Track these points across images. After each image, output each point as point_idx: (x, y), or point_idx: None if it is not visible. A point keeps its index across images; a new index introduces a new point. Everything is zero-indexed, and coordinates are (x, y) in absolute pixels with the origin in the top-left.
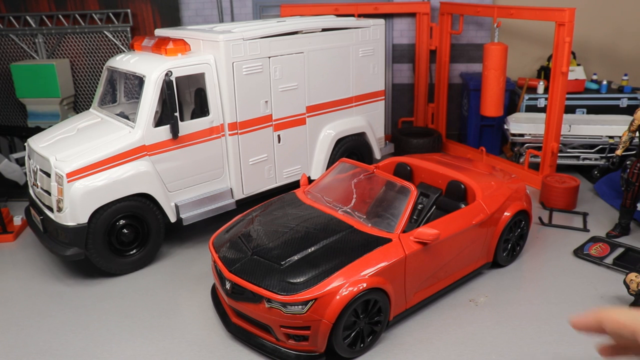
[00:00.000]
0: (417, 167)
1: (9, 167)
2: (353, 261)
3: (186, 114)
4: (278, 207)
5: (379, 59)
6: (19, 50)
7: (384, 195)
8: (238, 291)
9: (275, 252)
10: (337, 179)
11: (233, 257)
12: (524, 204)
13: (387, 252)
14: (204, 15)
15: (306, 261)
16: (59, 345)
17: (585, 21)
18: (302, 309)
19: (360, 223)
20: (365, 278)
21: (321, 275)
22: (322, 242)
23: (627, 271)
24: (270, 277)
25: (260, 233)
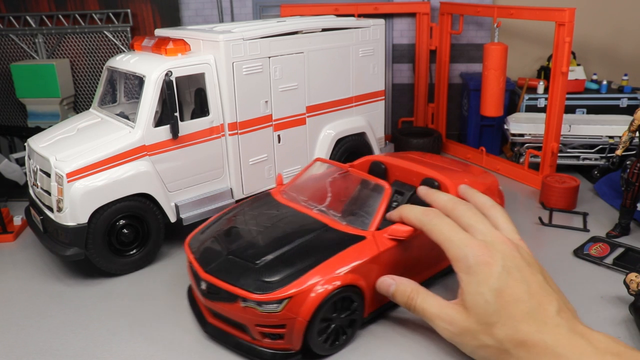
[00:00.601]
0: (391, 165)
1: (9, 167)
2: (327, 259)
3: (186, 114)
4: (254, 207)
5: (379, 59)
6: (19, 50)
7: (358, 194)
8: (213, 291)
9: (250, 251)
10: (312, 178)
11: (208, 258)
12: (496, 199)
13: (361, 249)
14: (204, 15)
15: (281, 260)
16: (59, 345)
17: (585, 21)
18: (277, 308)
19: (334, 221)
20: (340, 275)
21: (296, 274)
22: (296, 241)
23: (627, 271)
24: (246, 276)
25: (235, 233)
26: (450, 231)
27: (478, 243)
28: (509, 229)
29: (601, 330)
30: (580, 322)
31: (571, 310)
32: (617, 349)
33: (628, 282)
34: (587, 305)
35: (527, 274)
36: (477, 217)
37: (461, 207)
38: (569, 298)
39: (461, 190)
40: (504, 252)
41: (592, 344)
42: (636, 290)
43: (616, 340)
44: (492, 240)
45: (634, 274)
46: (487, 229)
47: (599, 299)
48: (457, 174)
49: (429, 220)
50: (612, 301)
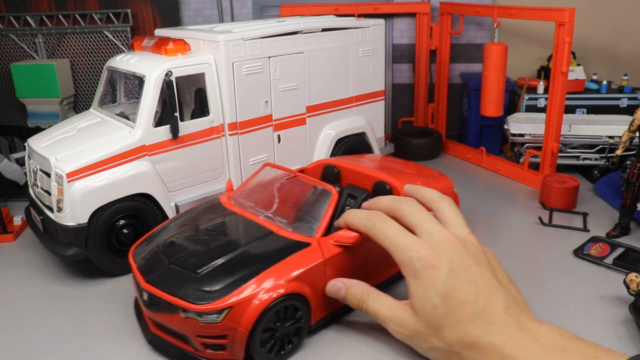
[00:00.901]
0: (344, 169)
1: (9, 167)
2: (270, 267)
3: (186, 114)
4: (201, 214)
5: (379, 59)
6: (19, 50)
7: (306, 199)
8: (155, 302)
9: (192, 260)
10: (261, 184)
11: (151, 267)
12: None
13: (306, 256)
14: (204, 15)
15: (223, 269)
16: (59, 345)
17: (585, 21)
18: (217, 318)
19: (281, 228)
20: (283, 284)
21: (236, 283)
22: (240, 249)
23: (627, 271)
24: (186, 286)
25: (179, 241)
26: (395, 235)
27: (424, 246)
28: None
29: (601, 331)
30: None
31: (520, 303)
32: (562, 343)
33: (628, 282)
34: (587, 305)
35: (474, 273)
36: (422, 215)
37: (404, 205)
38: (569, 298)
39: (406, 189)
40: (450, 253)
41: (538, 340)
42: (636, 290)
43: (562, 332)
44: (437, 241)
45: (634, 274)
46: (432, 227)
47: (599, 299)
48: (409, 177)
49: (372, 225)
50: (612, 301)
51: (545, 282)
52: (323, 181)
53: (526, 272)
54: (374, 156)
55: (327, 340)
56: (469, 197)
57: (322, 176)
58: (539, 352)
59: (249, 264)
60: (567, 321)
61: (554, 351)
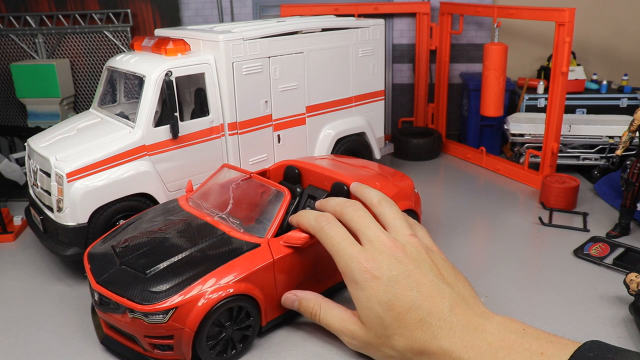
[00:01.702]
0: (305, 170)
1: (9, 167)
2: (217, 267)
3: (186, 114)
4: (156, 214)
5: (378, 59)
6: (19, 50)
7: (260, 200)
8: (104, 302)
9: (142, 261)
10: (218, 185)
11: (102, 268)
12: (410, 203)
13: (254, 257)
14: (204, 15)
15: (171, 269)
16: (59, 345)
17: (585, 21)
18: (163, 318)
19: (233, 229)
20: (230, 284)
21: (183, 283)
22: (190, 249)
23: (627, 271)
24: (134, 286)
25: (133, 242)
26: (339, 242)
27: (365, 257)
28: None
29: (601, 331)
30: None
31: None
32: (510, 340)
33: (628, 282)
34: (587, 305)
35: (416, 278)
36: (364, 220)
37: (348, 210)
38: (569, 298)
39: (352, 188)
40: (390, 261)
41: (486, 339)
42: (636, 290)
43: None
44: (378, 248)
45: (634, 274)
46: (373, 234)
47: (599, 299)
48: (368, 177)
49: (320, 228)
50: (612, 301)
51: (545, 282)
52: (285, 182)
53: (526, 272)
54: (336, 157)
55: (278, 339)
56: (469, 197)
57: (283, 177)
58: (487, 351)
59: (198, 265)
60: (567, 321)
61: (501, 350)
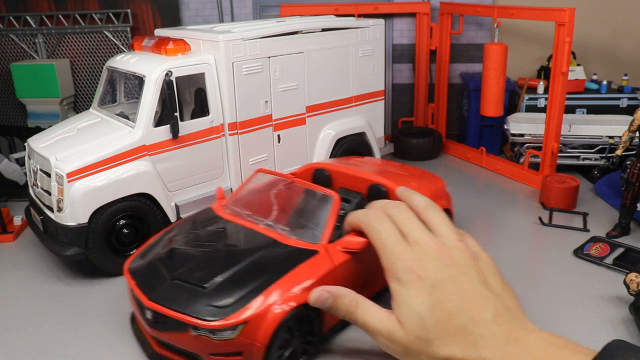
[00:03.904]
0: (335, 172)
1: (9, 167)
2: (281, 277)
3: (186, 114)
4: (195, 224)
5: (378, 59)
6: (19, 50)
7: (305, 205)
8: (161, 320)
9: (197, 274)
10: (255, 190)
11: (152, 283)
12: (444, 202)
13: (315, 265)
14: (204, 15)
15: (231, 281)
16: (59, 345)
17: (585, 21)
18: (232, 334)
19: (283, 236)
20: (296, 294)
21: (248, 296)
22: (245, 260)
23: (627, 271)
24: (195, 302)
25: (179, 254)
26: (387, 238)
27: (410, 256)
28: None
29: (601, 331)
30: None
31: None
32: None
33: (628, 282)
34: (587, 305)
35: (461, 284)
36: (411, 222)
37: (394, 211)
38: (569, 298)
39: (399, 192)
40: (435, 264)
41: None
42: (636, 290)
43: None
44: (424, 250)
45: (634, 274)
46: (419, 236)
47: (599, 299)
48: (403, 179)
49: (368, 222)
50: (612, 301)
51: (545, 282)
52: None
53: (526, 272)
54: (363, 158)
55: (339, 346)
56: (469, 197)
57: (312, 180)
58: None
59: (258, 275)
60: (567, 321)
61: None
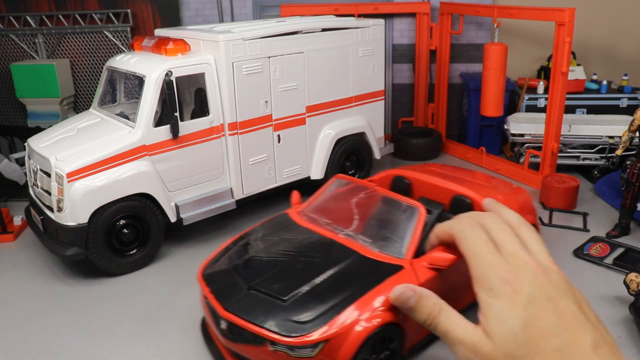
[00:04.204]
0: (416, 181)
1: (9, 167)
2: (365, 293)
3: (186, 114)
4: (271, 231)
5: (378, 59)
6: (19, 50)
7: (388, 216)
8: (236, 332)
9: (275, 285)
10: (333, 197)
11: (228, 292)
12: (531, 217)
13: (400, 281)
14: (204, 15)
15: (312, 295)
16: (59, 345)
17: (585, 21)
18: (311, 352)
19: (365, 248)
20: (379, 313)
21: (331, 312)
22: (327, 272)
23: (627, 271)
24: (273, 315)
25: (255, 262)
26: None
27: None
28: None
29: None
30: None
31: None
32: None
33: (628, 282)
34: None
35: (558, 304)
36: (506, 234)
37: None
38: None
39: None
40: (532, 280)
41: None
42: (636, 290)
43: None
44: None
45: (634, 274)
46: (515, 250)
47: (599, 299)
48: (488, 190)
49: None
50: (612, 301)
51: None
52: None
53: None
54: (443, 167)
55: None
56: None
57: (391, 188)
58: None
59: (340, 290)
60: None
61: None
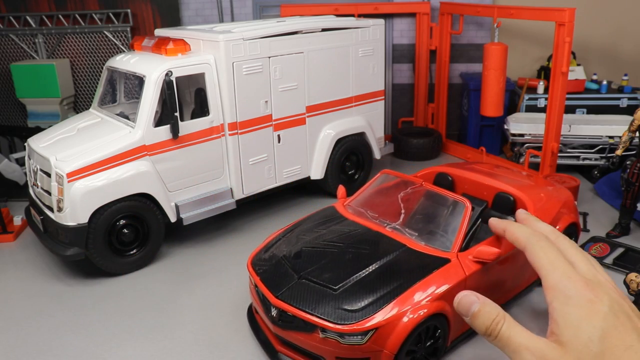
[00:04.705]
0: (459, 178)
1: (9, 167)
2: (413, 285)
3: (186, 114)
4: (318, 223)
5: (378, 59)
6: (19, 50)
7: (435, 210)
8: (286, 319)
9: (325, 275)
10: (380, 192)
11: (278, 281)
12: (573, 216)
13: (447, 273)
14: (204, 15)
15: (361, 285)
16: (59, 345)
17: (585, 21)
18: (361, 340)
19: (412, 241)
20: (427, 303)
21: (380, 301)
22: (376, 263)
23: (627, 271)
24: (324, 303)
25: (305, 253)
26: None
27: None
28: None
29: None
30: None
31: None
32: None
33: (628, 282)
34: None
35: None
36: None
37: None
38: None
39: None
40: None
41: None
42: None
43: None
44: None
45: (634, 274)
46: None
47: None
48: (531, 188)
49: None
50: None
51: None
52: None
53: None
54: (484, 165)
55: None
56: None
57: (434, 184)
58: None
59: (389, 281)
60: None
61: None
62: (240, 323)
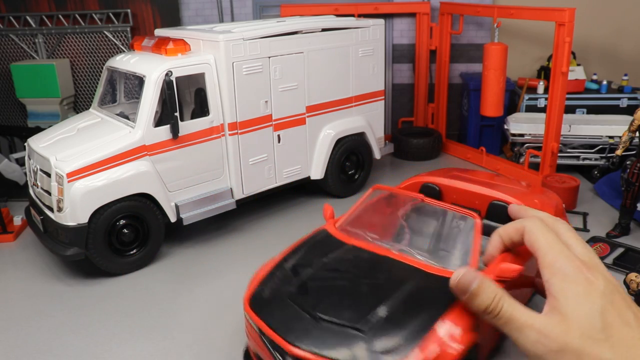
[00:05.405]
0: (446, 188)
1: (9, 167)
2: (443, 313)
3: (186, 114)
4: (314, 251)
5: (378, 59)
6: (19, 50)
7: (441, 228)
8: None
9: (345, 312)
10: (374, 209)
11: (289, 325)
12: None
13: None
14: (204, 15)
15: (390, 321)
16: (59, 345)
17: (585, 21)
18: None
19: (426, 264)
20: (461, 336)
21: (414, 337)
22: (395, 293)
23: (627, 271)
24: (354, 347)
25: (311, 288)
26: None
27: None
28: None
29: None
30: None
31: None
32: None
33: (628, 282)
34: None
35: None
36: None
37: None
38: None
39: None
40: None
41: None
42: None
43: None
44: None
45: (634, 274)
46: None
47: None
48: (524, 195)
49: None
50: None
51: None
52: None
53: None
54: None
55: None
56: None
57: None
58: None
59: (416, 313)
60: None
61: None
62: (240, 323)
